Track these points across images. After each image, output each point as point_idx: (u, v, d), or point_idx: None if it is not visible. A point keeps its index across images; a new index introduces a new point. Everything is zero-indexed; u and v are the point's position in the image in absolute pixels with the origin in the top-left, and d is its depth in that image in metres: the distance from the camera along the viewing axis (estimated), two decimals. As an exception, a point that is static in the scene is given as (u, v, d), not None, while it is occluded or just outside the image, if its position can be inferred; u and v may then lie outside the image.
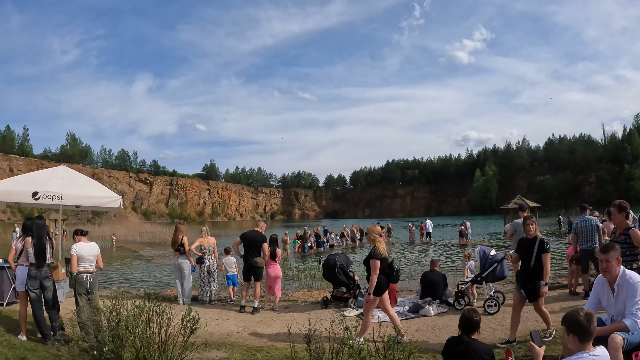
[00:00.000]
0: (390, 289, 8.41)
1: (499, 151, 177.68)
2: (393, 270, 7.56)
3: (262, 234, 10.70)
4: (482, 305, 9.43)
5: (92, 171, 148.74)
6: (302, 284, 16.19)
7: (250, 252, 10.36)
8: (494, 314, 9.05)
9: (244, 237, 10.53)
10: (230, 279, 12.00)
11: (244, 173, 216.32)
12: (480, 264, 9.96)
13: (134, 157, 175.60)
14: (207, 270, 11.33)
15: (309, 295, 12.72)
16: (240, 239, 10.58)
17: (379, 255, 7.08)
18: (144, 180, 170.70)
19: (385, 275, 7.28)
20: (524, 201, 42.58)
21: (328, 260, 10.85)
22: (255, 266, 10.25)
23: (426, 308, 9.62)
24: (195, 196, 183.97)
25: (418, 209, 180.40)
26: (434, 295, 10.16)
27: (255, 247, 10.38)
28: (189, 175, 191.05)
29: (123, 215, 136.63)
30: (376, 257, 7.03)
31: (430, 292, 10.22)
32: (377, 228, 7.85)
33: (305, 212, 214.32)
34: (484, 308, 9.23)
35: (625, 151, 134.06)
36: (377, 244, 7.27)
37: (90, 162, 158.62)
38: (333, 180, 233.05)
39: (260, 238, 10.51)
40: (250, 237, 10.50)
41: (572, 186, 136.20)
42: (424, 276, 10.63)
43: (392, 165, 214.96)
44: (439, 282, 10.40)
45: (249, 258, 10.37)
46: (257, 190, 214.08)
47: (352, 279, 10.68)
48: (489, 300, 9.38)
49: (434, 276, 10.51)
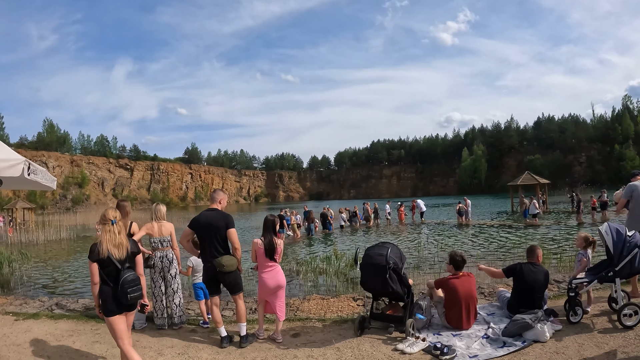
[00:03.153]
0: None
1: (486, 131, 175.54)
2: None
3: (226, 215, 6.43)
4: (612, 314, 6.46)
5: (71, 158, 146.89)
6: (308, 283, 11.72)
7: (208, 248, 6.24)
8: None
9: (196, 224, 6.32)
10: (201, 289, 7.57)
11: (227, 156, 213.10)
12: (614, 251, 6.24)
13: (114, 143, 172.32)
14: (161, 276, 7.24)
15: (325, 306, 8.19)
16: (190, 228, 6.39)
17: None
18: (125, 165, 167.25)
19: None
20: (534, 177, 39.18)
21: (371, 257, 6.53)
22: (222, 271, 6.13)
23: (538, 328, 5.83)
24: (178, 180, 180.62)
25: (405, 190, 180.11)
26: (532, 303, 6.39)
27: (217, 238, 6.24)
28: (171, 159, 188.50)
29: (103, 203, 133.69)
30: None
31: (528, 299, 6.46)
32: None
33: (289, 194, 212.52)
34: (619, 320, 5.95)
35: (615, 131, 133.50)
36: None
37: (69, 149, 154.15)
38: (317, 161, 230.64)
39: (223, 221, 6.29)
40: (205, 222, 6.28)
41: (562, 165, 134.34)
42: (520, 273, 6.66)
43: (378, 145, 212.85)
44: (542, 283, 6.64)
45: (208, 258, 6.24)
46: (241, 173, 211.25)
47: (408, 285, 6.54)
48: (629, 307, 5.95)
49: (536, 274, 6.60)
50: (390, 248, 6.58)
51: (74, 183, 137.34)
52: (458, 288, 6.39)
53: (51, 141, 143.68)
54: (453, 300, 6.41)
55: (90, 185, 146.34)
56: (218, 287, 6.38)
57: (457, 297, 6.35)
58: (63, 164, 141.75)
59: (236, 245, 6.32)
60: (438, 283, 6.78)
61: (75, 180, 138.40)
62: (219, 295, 6.49)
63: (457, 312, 6.37)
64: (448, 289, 6.52)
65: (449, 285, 6.51)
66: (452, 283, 6.47)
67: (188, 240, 6.55)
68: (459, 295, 6.34)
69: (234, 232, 6.34)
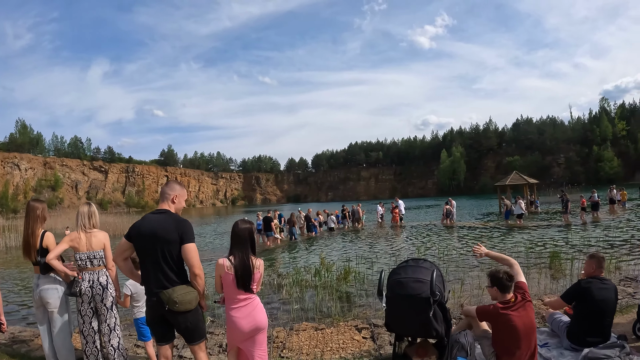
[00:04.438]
0: None
1: (465, 132, 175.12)
2: None
3: (181, 221, 4.16)
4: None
5: (44, 160, 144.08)
6: (294, 302, 9.22)
7: (153, 273, 4.06)
8: None
9: (136, 233, 4.11)
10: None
11: (203, 158, 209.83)
12: None
13: (88, 144, 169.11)
14: (91, 308, 5.03)
15: (321, 341, 5.96)
16: (126, 239, 4.17)
17: None
18: (99, 168, 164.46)
19: None
20: (522, 177, 37.90)
21: (406, 286, 4.41)
22: (174, 310, 3.97)
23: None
24: (153, 183, 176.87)
25: (383, 192, 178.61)
26: (602, 330, 4.87)
27: (165, 258, 4.03)
28: (146, 161, 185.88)
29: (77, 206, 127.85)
30: None
31: (597, 325, 4.90)
32: None
33: (267, 197, 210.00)
34: None
35: (593, 133, 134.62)
36: None
37: (42, 151, 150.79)
38: (295, 163, 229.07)
39: (176, 231, 4.05)
40: (147, 232, 4.06)
41: (541, 167, 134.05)
42: (587, 293, 5.01)
43: (356, 147, 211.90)
44: (614, 302, 5.10)
45: (152, 289, 4.06)
46: (217, 176, 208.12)
47: (450, 320, 4.57)
48: None
49: (607, 292, 5.02)
50: (434, 271, 4.43)
51: (47, 186, 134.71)
52: (515, 322, 4.41)
53: (24, 142, 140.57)
54: (508, 338, 4.47)
55: (64, 188, 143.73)
56: (169, 331, 4.22)
57: (515, 334, 4.41)
58: (36, 166, 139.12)
59: (196, 271, 4.07)
60: (483, 314, 4.73)
61: (49, 183, 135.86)
62: (171, 343, 4.31)
63: (514, 352, 4.42)
64: (500, 324, 4.54)
65: (502, 319, 4.50)
66: (507, 317, 4.46)
67: (125, 258, 4.30)
68: (517, 332, 4.40)
69: (192, 249, 4.05)
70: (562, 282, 9.72)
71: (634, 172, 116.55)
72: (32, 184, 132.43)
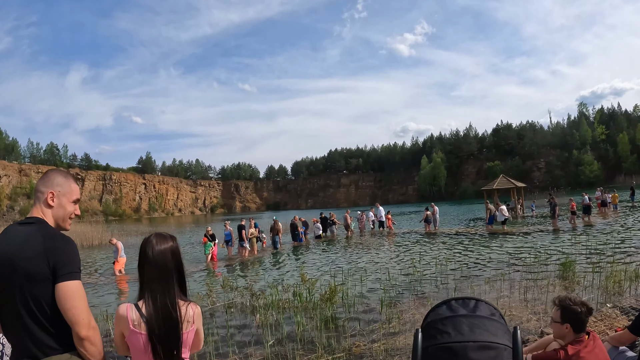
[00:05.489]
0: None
1: (445, 139, 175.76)
2: None
3: (57, 238, 2.27)
4: None
5: (19, 167, 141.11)
6: (268, 335, 7.32)
7: (12, 330, 2.23)
8: None
9: None
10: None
11: (182, 166, 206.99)
12: None
13: (64, 151, 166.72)
14: None
15: None
16: None
17: None
18: (75, 175, 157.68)
19: None
20: (510, 180, 36.83)
21: (464, 355, 1.54)
22: None
23: None
24: (131, 191, 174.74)
25: (363, 198, 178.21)
26: None
27: (27, 304, 2.16)
28: (124, 169, 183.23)
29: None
30: None
31: None
32: None
33: (246, 205, 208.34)
34: None
35: (573, 137, 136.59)
36: None
37: (17, 157, 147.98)
38: (274, 171, 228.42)
39: (43, 257, 2.17)
40: (1, 262, 2.19)
41: (521, 171, 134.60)
42: None
43: (335, 154, 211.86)
44: None
45: (17, 357, 2.17)
46: (196, 183, 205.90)
47: None
48: None
49: None
50: (502, 328, 1.70)
51: (22, 194, 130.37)
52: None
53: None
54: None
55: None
56: None
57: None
58: (11, 173, 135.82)
59: (82, 331, 2.18)
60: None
61: (24, 191, 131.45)
62: None
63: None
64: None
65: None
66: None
67: None
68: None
69: (72, 291, 2.19)
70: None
71: (614, 175, 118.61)
72: (6, 191, 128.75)
